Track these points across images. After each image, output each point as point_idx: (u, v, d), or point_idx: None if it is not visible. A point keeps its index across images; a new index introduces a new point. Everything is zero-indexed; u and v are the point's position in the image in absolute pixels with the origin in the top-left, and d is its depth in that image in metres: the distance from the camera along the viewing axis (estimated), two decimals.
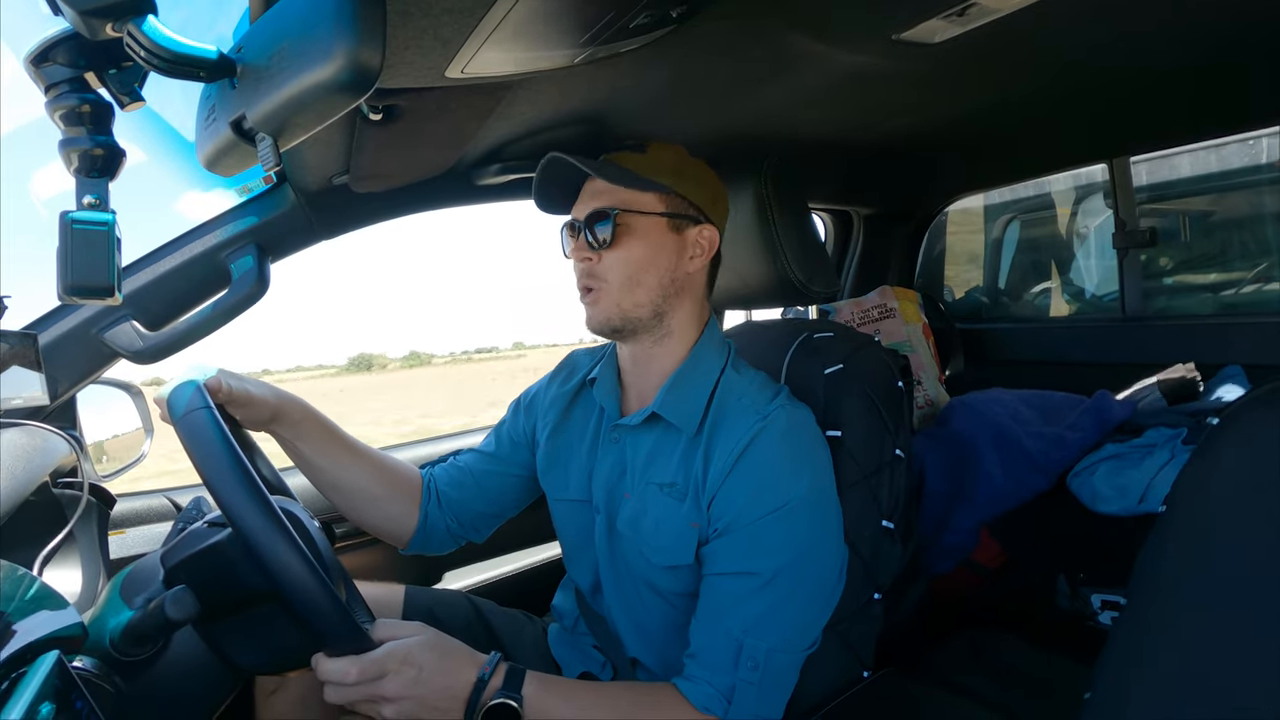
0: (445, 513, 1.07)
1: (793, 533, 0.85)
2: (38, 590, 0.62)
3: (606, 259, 0.92)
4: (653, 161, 0.94)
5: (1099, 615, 1.35)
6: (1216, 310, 1.83)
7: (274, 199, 1.10)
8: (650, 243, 0.92)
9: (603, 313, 0.93)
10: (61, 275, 0.59)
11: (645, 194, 0.92)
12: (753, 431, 0.87)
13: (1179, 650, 0.64)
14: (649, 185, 0.91)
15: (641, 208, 0.92)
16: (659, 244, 0.93)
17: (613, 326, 0.93)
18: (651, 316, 0.93)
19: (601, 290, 0.92)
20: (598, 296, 0.93)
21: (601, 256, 0.92)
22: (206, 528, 0.71)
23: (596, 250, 0.92)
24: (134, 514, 1.22)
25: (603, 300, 0.92)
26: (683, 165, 0.96)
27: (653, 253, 0.92)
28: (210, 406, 0.70)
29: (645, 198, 0.92)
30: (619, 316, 0.92)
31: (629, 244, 0.91)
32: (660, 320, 0.94)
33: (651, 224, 0.92)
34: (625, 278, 0.91)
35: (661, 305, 0.94)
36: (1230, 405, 0.69)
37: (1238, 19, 0.96)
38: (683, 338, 0.96)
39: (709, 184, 0.98)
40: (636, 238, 0.92)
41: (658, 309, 0.93)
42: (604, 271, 0.92)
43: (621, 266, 0.91)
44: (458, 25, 0.64)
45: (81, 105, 0.59)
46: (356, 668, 0.70)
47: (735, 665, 0.82)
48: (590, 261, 0.92)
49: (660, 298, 0.93)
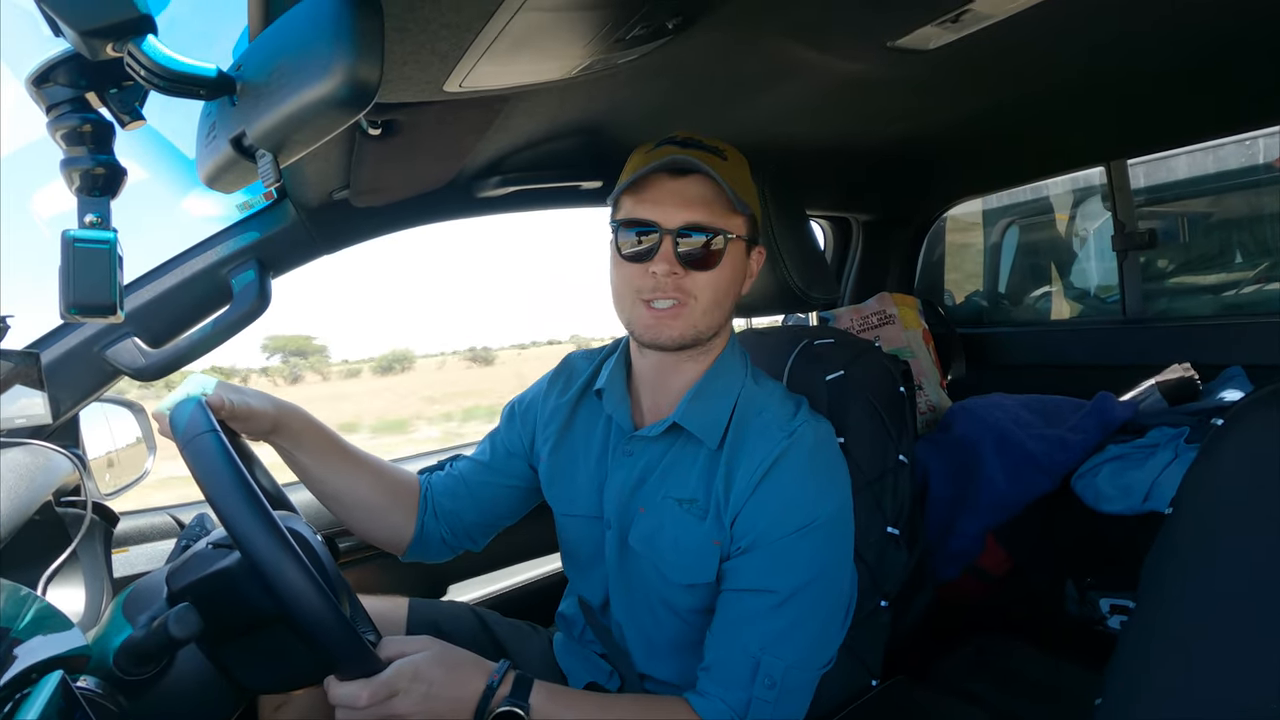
0: (440, 523, 1.06)
1: (816, 551, 0.84)
2: (41, 610, 0.61)
3: (696, 276, 0.86)
4: (735, 174, 0.88)
5: (1108, 620, 1.35)
6: (1217, 311, 1.83)
7: (275, 215, 1.11)
8: (735, 266, 0.89)
9: (679, 330, 0.87)
10: (63, 294, 0.59)
11: (738, 216, 0.88)
12: (779, 449, 0.85)
13: (1188, 654, 0.63)
14: (744, 207, 0.87)
15: (738, 231, 0.88)
16: (739, 267, 0.90)
17: (683, 344, 0.88)
18: (713, 336, 0.91)
19: (685, 308, 0.86)
20: (679, 312, 0.86)
21: (690, 273, 0.85)
22: (212, 549, 0.71)
23: (686, 266, 0.85)
24: (137, 532, 1.22)
25: (685, 318, 0.86)
26: (750, 182, 0.92)
27: (735, 276, 0.90)
28: (215, 430, 0.70)
29: (738, 220, 0.88)
30: (693, 336, 0.88)
31: (724, 266, 0.87)
32: (712, 339, 0.92)
33: (738, 248, 0.89)
34: (713, 300, 0.87)
35: (722, 326, 0.92)
36: (1233, 406, 0.69)
37: (1233, 20, 0.97)
38: (712, 350, 0.94)
39: (755, 198, 0.94)
40: (729, 261, 0.87)
41: (719, 329, 0.91)
42: (692, 288, 0.86)
43: (713, 288, 0.87)
44: (455, 40, 0.64)
45: (83, 125, 0.59)
46: (368, 691, 0.70)
47: (751, 681, 0.81)
48: (677, 276, 0.85)
49: (724, 319, 0.91)
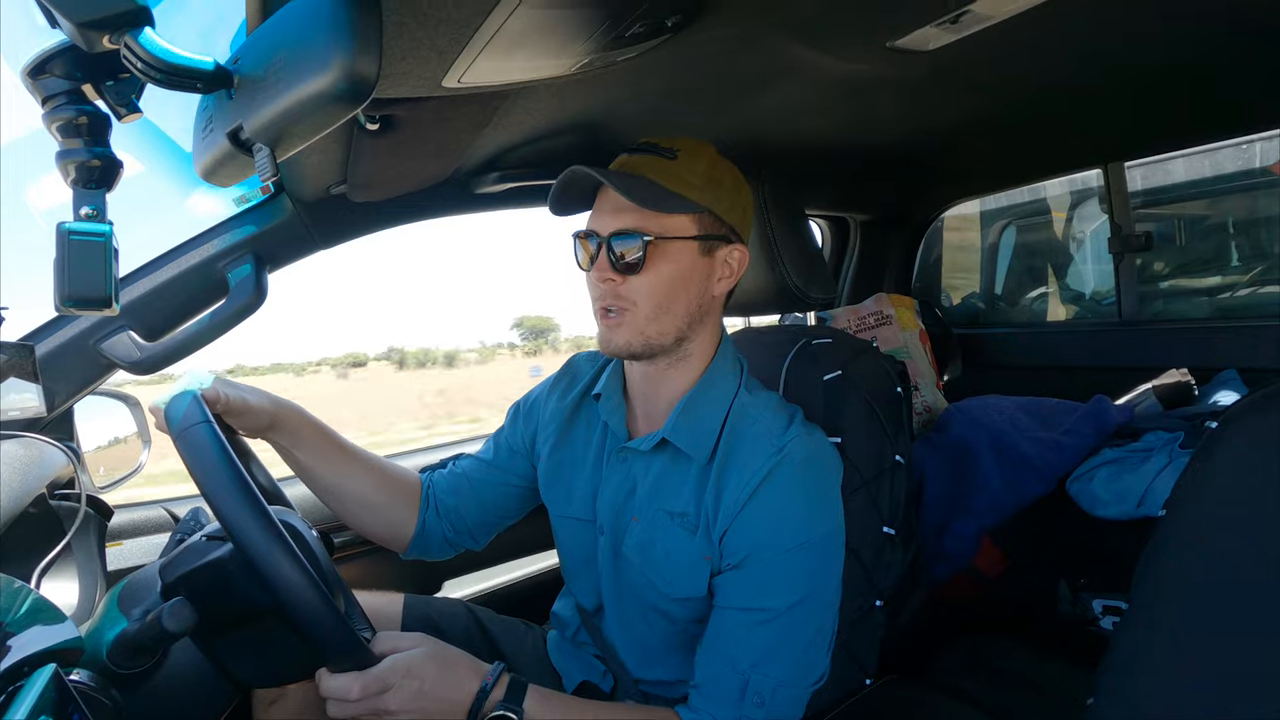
0: (442, 520, 1.06)
1: (808, 570, 0.83)
2: (35, 603, 0.61)
3: (633, 283, 0.84)
4: (684, 171, 0.85)
5: (1100, 620, 1.35)
6: (1213, 314, 1.83)
7: (271, 209, 1.10)
8: (681, 268, 0.84)
9: (624, 338, 0.85)
10: (59, 286, 0.59)
11: (676, 216, 0.84)
12: (769, 465, 0.83)
13: (1180, 655, 0.63)
14: (680, 205, 0.83)
15: (673, 232, 0.83)
16: (690, 268, 0.85)
17: (633, 352, 0.86)
18: (674, 343, 0.87)
19: (626, 315, 0.85)
20: (620, 320, 0.85)
21: (626, 279, 0.84)
22: (205, 541, 0.70)
23: (620, 272, 0.84)
24: (131, 525, 1.22)
25: (626, 325, 0.85)
26: (716, 174, 0.87)
27: (683, 278, 0.85)
28: (209, 420, 0.70)
29: (677, 220, 0.84)
30: (641, 343, 0.85)
31: (658, 269, 0.83)
32: (681, 345, 0.88)
33: (682, 248, 0.84)
34: (653, 305, 0.84)
35: (685, 330, 0.87)
36: (1227, 409, 0.69)
37: (1231, 25, 0.97)
38: (699, 359, 0.91)
39: (739, 193, 0.90)
40: (666, 262, 0.83)
41: (681, 334, 0.87)
42: (630, 294, 0.84)
43: (650, 293, 0.84)
44: (454, 35, 0.64)
45: (79, 117, 0.59)
46: (359, 684, 0.70)
47: (740, 700, 0.80)
48: (613, 283, 0.84)
49: (685, 323, 0.87)
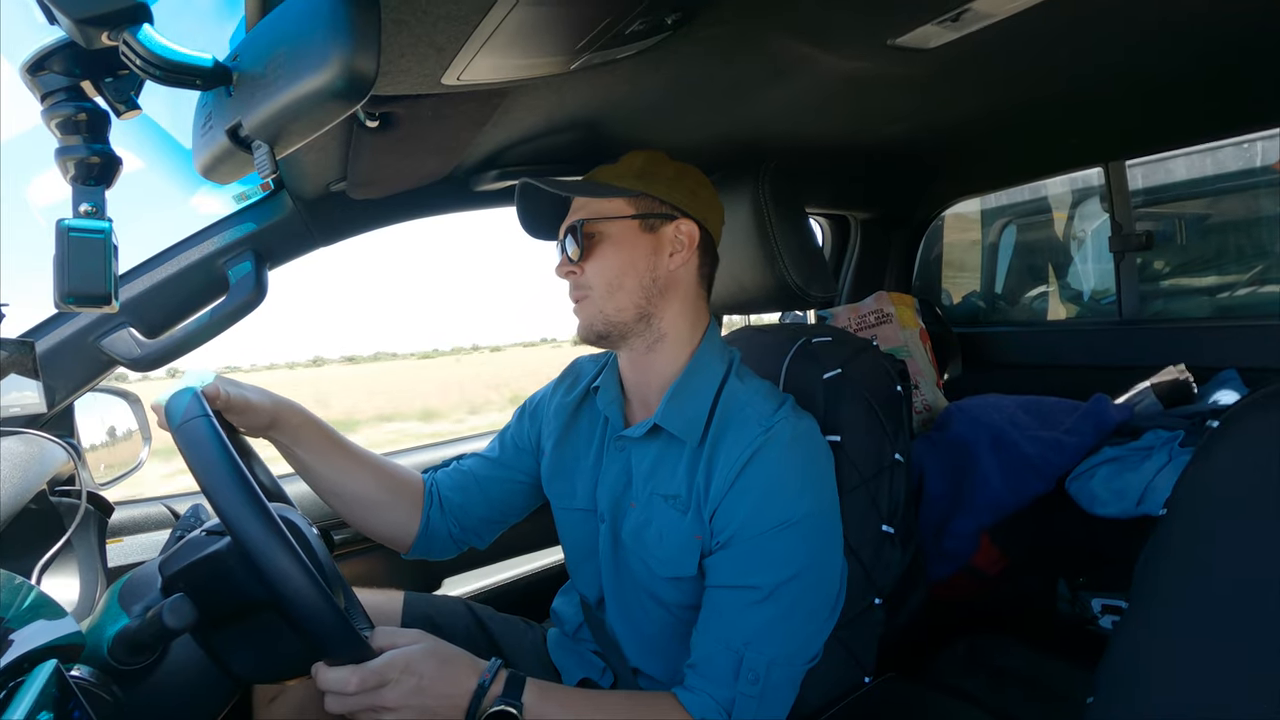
0: (448, 517, 1.07)
1: (796, 547, 0.85)
2: (35, 599, 0.61)
3: (587, 269, 0.93)
4: (622, 168, 0.95)
5: (1100, 619, 1.35)
6: (1213, 313, 1.83)
7: (271, 206, 1.10)
8: (623, 246, 0.92)
9: (587, 319, 0.94)
10: (58, 283, 0.59)
11: (611, 200, 0.93)
12: (756, 444, 0.86)
13: (1180, 654, 0.63)
14: (612, 191, 0.93)
15: (608, 214, 0.93)
16: (632, 246, 0.93)
17: (598, 333, 0.94)
18: (636, 319, 0.93)
19: (586, 299, 0.93)
20: (582, 304, 0.94)
21: (583, 268, 0.93)
22: (205, 536, 0.71)
23: (575, 263, 0.93)
24: (132, 522, 1.22)
25: (586, 308, 0.94)
26: (653, 166, 0.95)
27: (628, 255, 0.92)
28: (208, 414, 0.70)
29: (611, 204, 0.93)
30: (602, 322, 0.93)
31: (602, 251, 0.92)
32: (647, 323, 0.94)
33: (621, 228, 0.93)
34: (605, 284, 0.92)
35: (645, 306, 0.93)
36: (1229, 408, 0.69)
37: (1233, 23, 0.97)
38: (677, 341, 0.95)
39: (685, 180, 0.97)
40: (609, 244, 0.93)
41: (642, 311, 0.93)
42: (586, 281, 0.93)
43: (600, 273, 0.92)
44: (453, 32, 0.64)
45: (78, 113, 0.59)
46: (357, 677, 0.70)
47: (735, 678, 0.82)
48: (575, 275, 0.94)
49: (643, 299, 0.93)
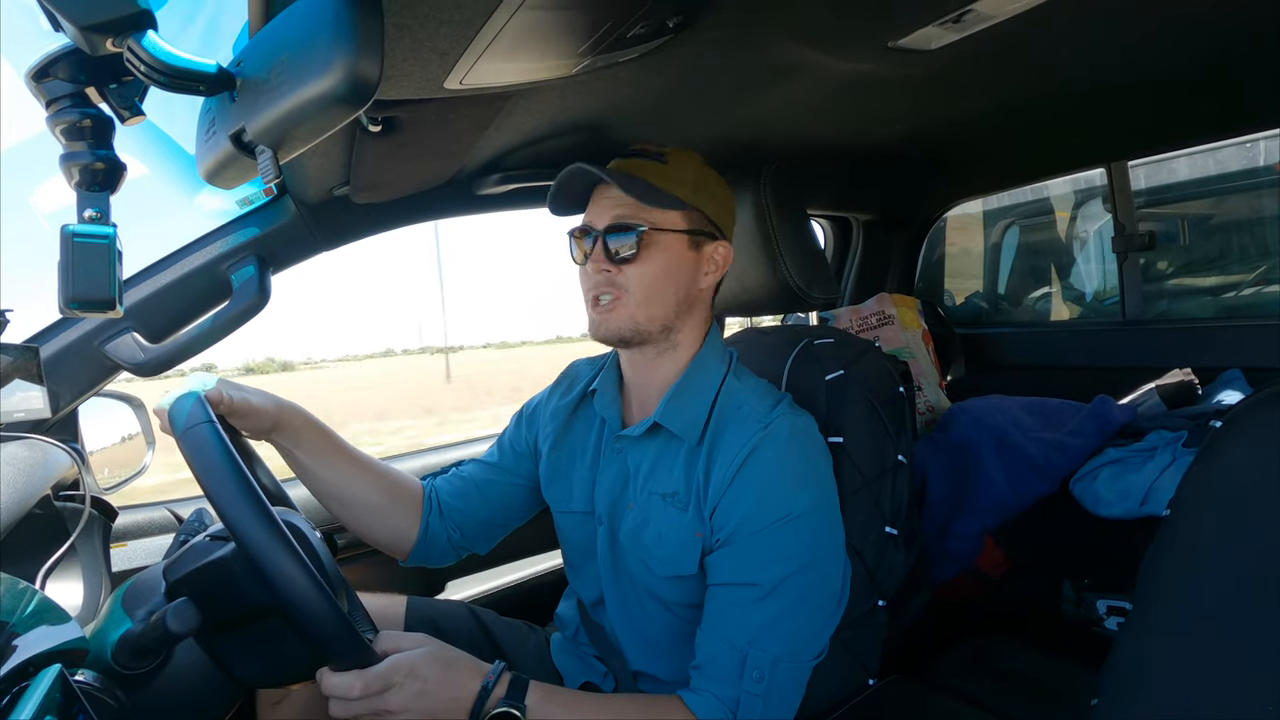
0: (447, 523, 1.07)
1: (796, 543, 0.85)
2: (40, 604, 0.61)
3: (628, 273, 0.90)
4: (675, 174, 0.92)
5: (1104, 621, 1.35)
6: (1217, 314, 1.83)
7: (275, 211, 1.11)
8: (671, 259, 0.91)
9: (615, 322, 0.91)
10: (63, 288, 0.59)
11: (668, 211, 0.90)
12: (754, 441, 0.86)
13: (1185, 655, 0.63)
14: (673, 203, 0.89)
15: (665, 225, 0.90)
16: (678, 261, 0.91)
17: (622, 337, 0.92)
18: (661, 331, 0.92)
19: (618, 301, 0.90)
20: (613, 306, 0.91)
21: (621, 269, 0.90)
22: (209, 541, 0.71)
23: (615, 263, 0.90)
24: (136, 526, 1.22)
25: (618, 311, 0.91)
26: (703, 179, 0.94)
27: (672, 270, 0.91)
28: (213, 421, 0.70)
29: (669, 215, 0.90)
30: (631, 329, 0.91)
31: (650, 259, 0.90)
32: (668, 335, 0.94)
33: (673, 240, 0.91)
34: (644, 291, 0.90)
35: (673, 320, 0.93)
36: (1232, 409, 0.69)
37: (1234, 23, 0.97)
38: (687, 349, 0.96)
39: (724, 198, 0.97)
40: (658, 253, 0.90)
41: (668, 324, 0.93)
42: (623, 282, 0.90)
43: (641, 281, 0.90)
44: (455, 37, 0.64)
45: (82, 120, 0.59)
46: (361, 682, 0.70)
47: (740, 676, 0.81)
48: (609, 274, 0.91)
49: (673, 313, 0.92)
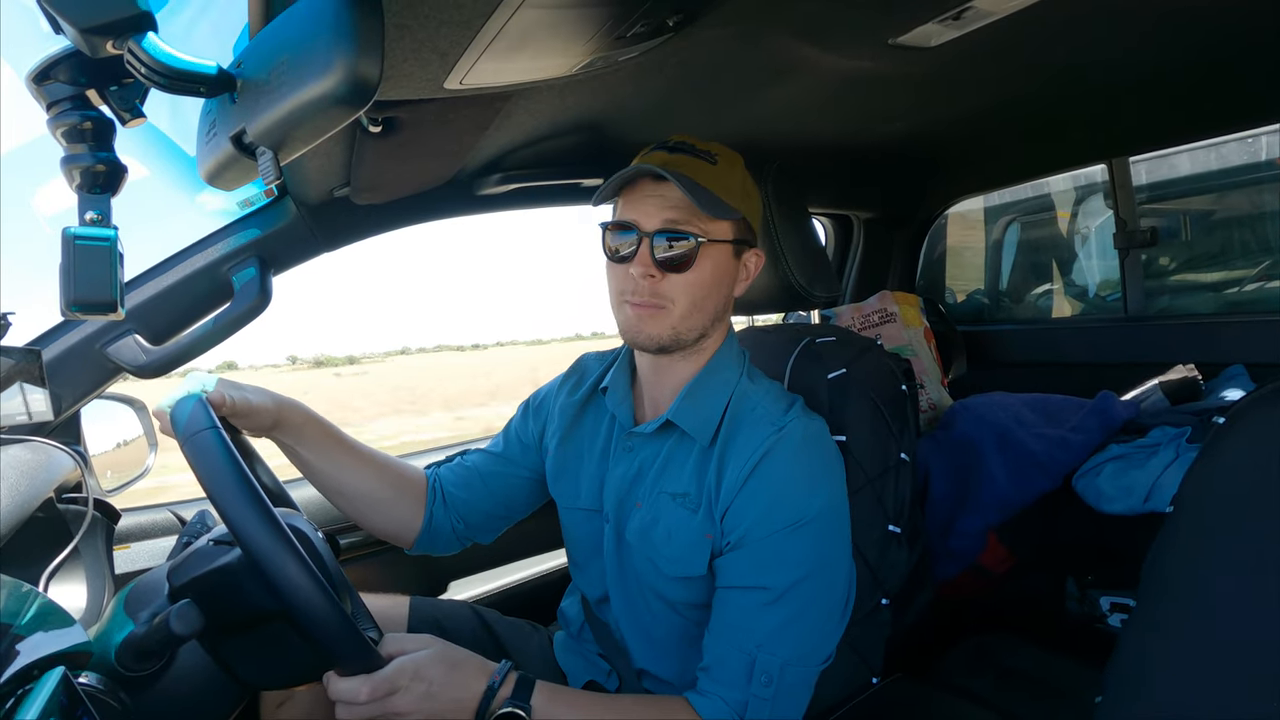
0: (451, 513, 1.06)
1: (808, 548, 0.84)
2: (43, 606, 0.62)
3: (673, 280, 0.86)
4: (725, 178, 0.88)
5: (1108, 618, 1.35)
6: (1219, 309, 1.82)
7: (275, 212, 1.11)
8: (718, 268, 0.88)
9: (655, 330, 0.87)
10: (64, 291, 0.59)
11: (720, 220, 0.87)
12: (767, 444, 0.85)
13: (1189, 652, 0.63)
14: (729, 212, 0.86)
15: (717, 235, 0.87)
16: (725, 270, 0.89)
17: (662, 345, 0.88)
18: (697, 338, 0.90)
19: (664, 310, 0.87)
20: (656, 314, 0.87)
21: (666, 276, 0.86)
22: (213, 546, 0.71)
23: (663, 269, 0.85)
24: (139, 529, 1.22)
25: (660, 320, 0.87)
26: (747, 186, 0.91)
27: (719, 279, 0.89)
28: (216, 426, 0.70)
29: (721, 225, 0.87)
30: (671, 338, 0.88)
31: (702, 268, 0.86)
32: (699, 341, 0.91)
33: (721, 250, 0.88)
34: (690, 302, 0.87)
35: (709, 329, 0.91)
36: (1235, 404, 0.69)
37: (1233, 18, 0.96)
38: (708, 351, 0.94)
39: (759, 202, 0.94)
40: (709, 263, 0.87)
41: (704, 332, 0.91)
42: (669, 291, 0.86)
43: (689, 292, 0.86)
44: (455, 37, 0.64)
45: (83, 122, 0.59)
46: (368, 687, 0.70)
47: (748, 680, 0.81)
48: (653, 280, 0.85)
49: (711, 323, 0.91)
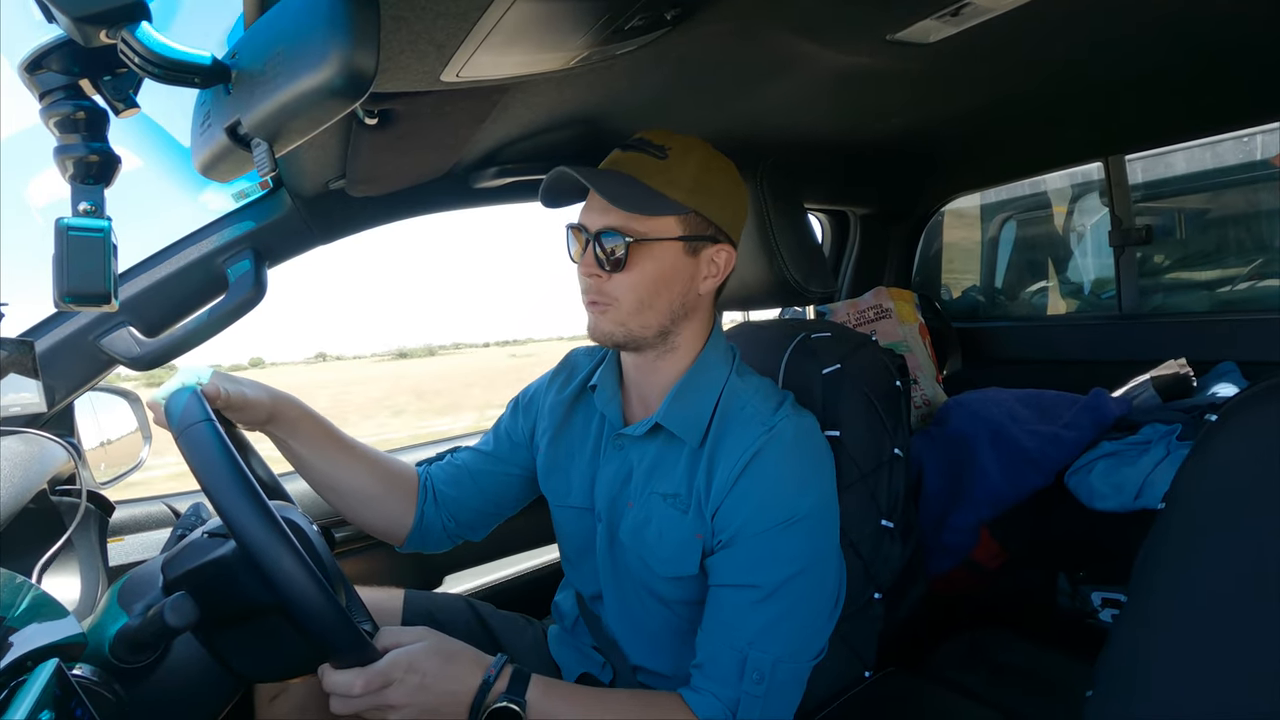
0: (442, 511, 1.06)
1: (798, 545, 0.84)
2: (36, 598, 0.62)
3: (616, 279, 0.86)
4: (675, 172, 0.86)
5: (1099, 613, 1.36)
6: (1213, 307, 1.83)
7: (270, 204, 1.10)
8: (663, 267, 0.86)
9: (607, 327, 0.88)
10: (58, 282, 0.58)
11: (663, 218, 0.85)
12: (758, 444, 0.85)
13: (1179, 647, 0.64)
14: (666, 208, 0.85)
15: (656, 233, 0.85)
16: (672, 268, 0.87)
17: (615, 342, 0.90)
18: (657, 336, 0.90)
19: (610, 308, 0.87)
20: (605, 311, 0.88)
21: (610, 276, 0.86)
22: (207, 538, 0.71)
23: (604, 270, 0.86)
24: (133, 521, 1.22)
25: (609, 317, 0.88)
26: (706, 177, 0.88)
27: (666, 277, 0.87)
28: (210, 419, 0.70)
29: (662, 221, 0.85)
30: (623, 334, 0.88)
31: (641, 268, 0.86)
32: (665, 339, 0.91)
33: (665, 249, 0.86)
34: (635, 301, 0.86)
35: (669, 326, 0.90)
36: (1227, 402, 0.69)
37: (1233, 17, 0.96)
38: (688, 350, 0.93)
39: (730, 194, 0.90)
40: (649, 261, 0.86)
41: (664, 330, 0.90)
42: (613, 291, 0.87)
43: (631, 290, 0.86)
44: (452, 29, 0.64)
45: (76, 112, 0.59)
46: (362, 679, 0.70)
47: (740, 677, 0.81)
48: (599, 279, 0.87)
49: (669, 320, 0.89)
